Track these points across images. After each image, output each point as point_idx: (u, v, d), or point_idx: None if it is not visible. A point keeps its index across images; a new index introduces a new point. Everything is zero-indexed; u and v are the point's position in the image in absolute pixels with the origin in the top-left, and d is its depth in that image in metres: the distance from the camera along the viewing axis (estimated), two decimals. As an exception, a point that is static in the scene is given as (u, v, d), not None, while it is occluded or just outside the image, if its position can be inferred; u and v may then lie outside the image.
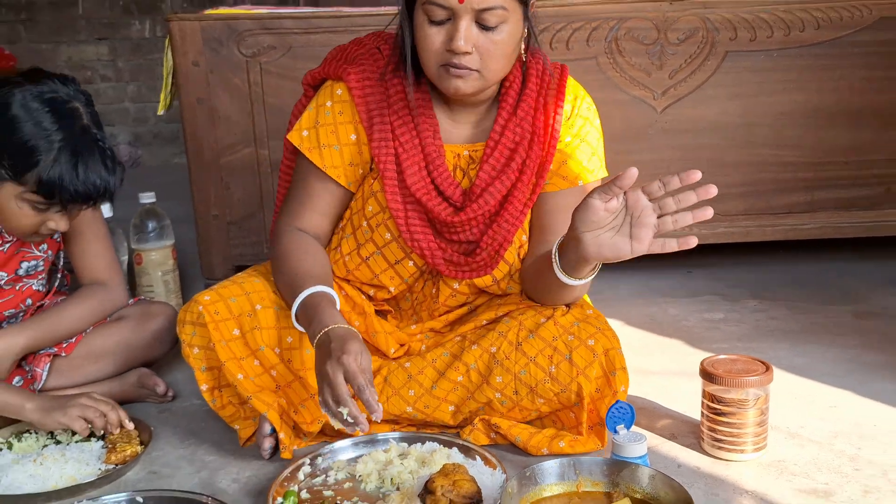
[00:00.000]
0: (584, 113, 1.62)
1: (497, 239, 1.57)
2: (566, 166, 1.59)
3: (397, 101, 1.56)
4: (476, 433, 1.54)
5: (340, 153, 1.58)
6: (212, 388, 1.57)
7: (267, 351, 1.56)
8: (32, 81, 1.58)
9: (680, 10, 2.34)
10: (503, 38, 1.43)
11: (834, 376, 1.80)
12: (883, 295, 2.32)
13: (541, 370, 1.50)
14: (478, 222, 1.57)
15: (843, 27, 2.36)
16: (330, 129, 1.58)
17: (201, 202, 2.44)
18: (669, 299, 2.38)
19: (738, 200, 2.48)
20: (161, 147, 5.46)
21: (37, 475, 1.46)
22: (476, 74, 1.45)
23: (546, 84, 1.59)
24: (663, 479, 1.25)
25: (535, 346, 1.52)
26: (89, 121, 1.61)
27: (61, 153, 1.54)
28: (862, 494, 1.34)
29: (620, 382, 1.48)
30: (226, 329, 1.54)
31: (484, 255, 1.58)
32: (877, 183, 2.49)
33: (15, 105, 1.54)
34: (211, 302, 1.55)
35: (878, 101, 2.43)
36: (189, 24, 2.33)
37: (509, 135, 1.56)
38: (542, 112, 1.57)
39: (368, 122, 1.56)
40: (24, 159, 1.53)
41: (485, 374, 1.54)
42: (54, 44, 5.23)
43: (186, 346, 1.55)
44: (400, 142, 1.55)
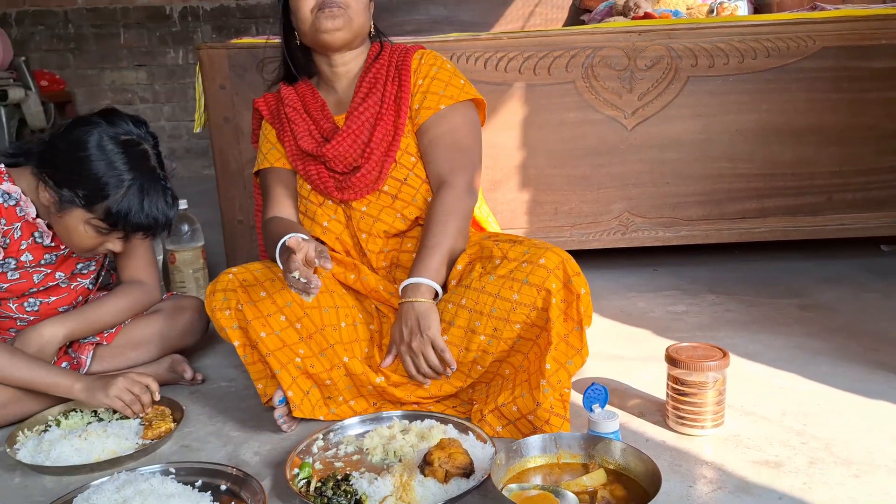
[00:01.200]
0: (431, 61, 1.74)
1: (373, 158, 1.67)
2: (427, 100, 1.70)
3: (289, 96, 1.75)
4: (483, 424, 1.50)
5: (277, 148, 1.76)
6: (243, 344, 1.55)
7: (294, 306, 1.56)
8: (109, 122, 1.57)
9: (647, 40, 2.33)
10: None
11: (782, 361, 1.79)
12: (824, 290, 2.31)
13: (506, 301, 1.48)
14: (352, 148, 1.67)
15: (790, 55, 2.35)
16: (264, 140, 1.80)
17: (227, 209, 2.43)
18: (637, 294, 2.37)
19: (697, 207, 2.48)
20: (192, 160, 5.45)
21: (81, 449, 1.45)
22: (342, 11, 1.61)
23: (397, 52, 1.75)
24: (633, 452, 1.24)
25: (496, 284, 1.50)
26: (155, 161, 1.61)
27: (130, 190, 1.53)
28: (808, 465, 1.34)
29: (579, 286, 1.46)
30: (254, 292, 1.55)
31: (365, 173, 1.67)
32: (819, 192, 2.48)
33: (92, 143, 1.53)
34: (239, 272, 1.58)
35: (820, 121, 2.42)
36: (217, 52, 2.31)
37: (368, 79, 1.71)
38: (393, 68, 1.73)
39: (272, 122, 1.78)
40: (96, 192, 1.52)
41: (465, 326, 1.53)
42: (99, 69, 5.23)
43: (218, 310, 1.54)
44: (291, 120, 1.74)
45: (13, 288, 1.65)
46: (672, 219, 2.48)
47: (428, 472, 1.28)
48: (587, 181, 2.45)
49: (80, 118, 1.59)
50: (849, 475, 1.30)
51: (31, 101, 4.38)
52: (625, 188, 2.46)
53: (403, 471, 1.30)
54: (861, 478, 1.29)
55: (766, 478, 1.30)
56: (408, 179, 1.69)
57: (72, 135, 1.54)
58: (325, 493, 1.25)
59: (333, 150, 1.67)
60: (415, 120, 1.71)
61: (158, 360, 1.81)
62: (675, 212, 2.48)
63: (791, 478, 1.30)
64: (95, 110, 1.64)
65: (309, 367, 1.53)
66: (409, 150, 1.71)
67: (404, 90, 1.70)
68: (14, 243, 1.61)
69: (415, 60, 1.74)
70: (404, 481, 1.26)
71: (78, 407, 1.64)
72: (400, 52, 1.75)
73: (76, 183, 1.52)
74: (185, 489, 1.27)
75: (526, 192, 2.45)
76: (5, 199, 1.59)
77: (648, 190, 2.46)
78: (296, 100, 1.76)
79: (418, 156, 1.71)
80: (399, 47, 1.78)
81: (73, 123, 1.57)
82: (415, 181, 1.70)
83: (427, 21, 4.28)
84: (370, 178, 1.67)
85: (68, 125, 1.58)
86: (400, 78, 1.72)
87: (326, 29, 1.62)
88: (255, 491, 1.27)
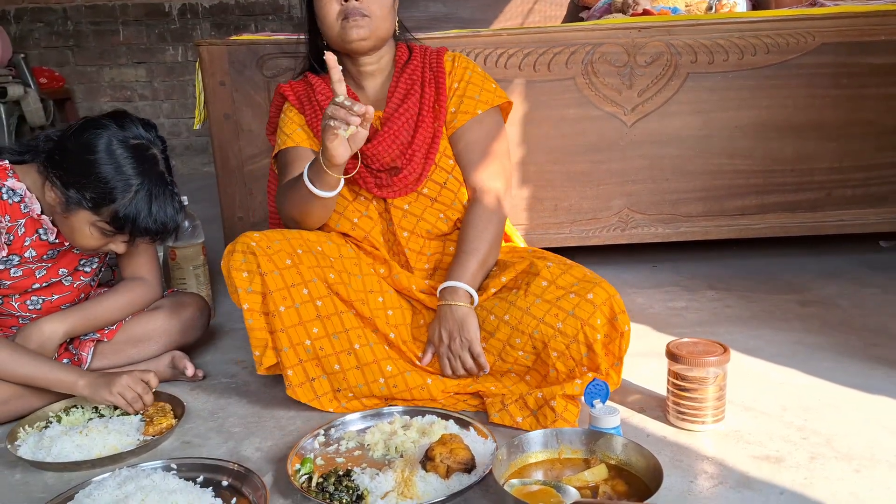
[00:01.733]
0: (464, 64, 1.76)
1: (415, 160, 1.68)
2: (464, 104, 1.72)
3: (321, 87, 1.73)
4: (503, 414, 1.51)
5: (303, 130, 1.74)
6: (252, 309, 1.53)
7: (319, 283, 1.56)
8: (119, 125, 1.56)
9: (647, 36, 2.33)
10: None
11: (782, 356, 1.79)
12: (823, 286, 2.31)
13: (549, 327, 1.51)
14: (392, 148, 1.67)
15: (789, 52, 2.35)
16: (288, 121, 1.75)
17: (227, 205, 2.43)
18: (637, 290, 2.37)
19: (697, 203, 2.48)
20: (192, 157, 5.44)
21: (83, 445, 1.45)
22: (367, 20, 1.61)
23: (428, 54, 1.76)
24: (634, 447, 1.24)
25: (542, 308, 1.53)
26: (163, 167, 1.60)
27: (138, 194, 1.53)
28: (808, 460, 1.34)
29: (623, 324, 1.50)
30: (279, 259, 1.54)
31: (406, 174, 1.68)
32: (818, 188, 2.48)
33: (101, 146, 1.52)
34: (261, 239, 1.56)
35: (819, 117, 2.42)
36: (216, 48, 2.31)
37: (404, 82, 1.72)
38: (428, 70, 1.74)
39: (301, 109, 1.75)
40: (104, 195, 1.51)
41: (504, 340, 1.56)
42: (98, 67, 5.22)
43: (235, 270, 1.52)
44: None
45: (16, 285, 1.65)
46: (672, 215, 2.48)
47: (429, 468, 1.28)
48: (587, 177, 2.45)
49: (91, 120, 1.58)
50: (850, 470, 1.30)
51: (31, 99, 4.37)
52: (624, 184, 2.46)
53: (405, 466, 1.30)
54: (862, 472, 1.29)
55: (766, 473, 1.30)
56: (447, 183, 1.72)
57: (82, 137, 1.54)
58: (327, 489, 1.25)
59: (374, 148, 1.66)
60: (450, 123, 1.73)
61: (158, 357, 1.80)
62: (674, 208, 2.48)
63: (792, 473, 1.30)
64: (104, 111, 1.64)
65: (318, 349, 1.53)
66: (447, 153, 1.73)
67: (441, 93, 1.72)
68: (18, 240, 1.61)
69: (448, 62, 1.76)
70: (406, 476, 1.26)
71: (79, 403, 1.64)
72: (432, 54, 1.77)
73: (84, 185, 1.52)
74: (187, 485, 1.27)
75: (526, 189, 2.45)
76: (10, 195, 1.58)
77: (648, 186, 2.46)
78: (328, 90, 1.73)
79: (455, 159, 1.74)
80: (428, 49, 1.79)
81: (84, 125, 1.56)
82: (454, 184, 1.72)
83: (426, 18, 4.27)
84: (411, 178, 1.69)
85: (79, 126, 1.57)
86: (436, 81, 1.73)
87: (352, 39, 1.62)
88: (256, 486, 1.27)
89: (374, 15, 1.62)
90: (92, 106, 5.24)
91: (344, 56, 1.70)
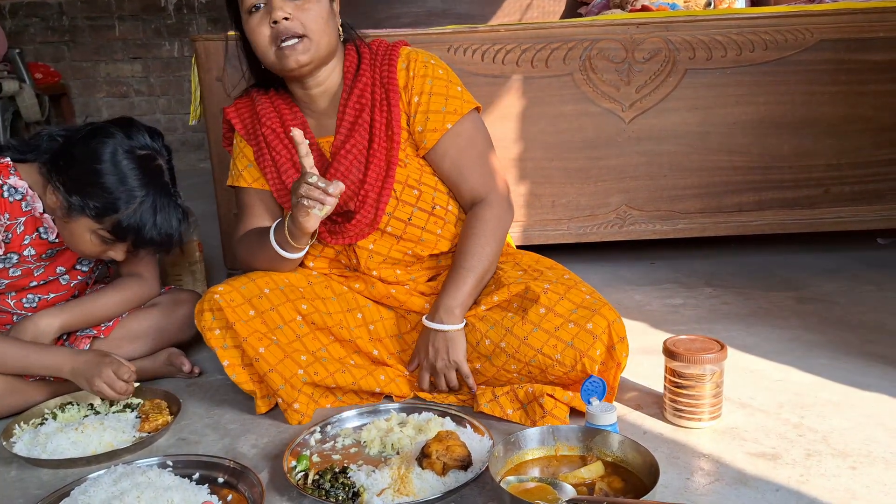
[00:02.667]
0: (421, 71, 1.60)
1: (368, 202, 1.59)
2: (430, 121, 1.59)
3: (266, 113, 1.64)
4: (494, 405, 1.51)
5: (254, 168, 1.67)
6: (233, 364, 1.54)
7: (286, 328, 1.55)
8: (126, 134, 1.54)
9: (645, 32, 2.33)
10: (312, 4, 1.50)
11: (779, 353, 1.80)
12: (820, 283, 2.31)
13: (548, 358, 1.47)
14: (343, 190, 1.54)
15: (787, 48, 2.35)
16: (240, 157, 1.69)
17: (224, 201, 2.43)
18: (635, 287, 2.37)
19: (694, 200, 2.48)
20: (188, 153, 5.43)
21: (78, 442, 1.45)
22: (305, 40, 1.50)
23: (379, 63, 1.62)
24: (631, 444, 1.24)
25: (540, 338, 1.48)
26: (168, 178, 1.59)
27: (142, 206, 1.52)
28: (805, 457, 1.34)
29: (621, 353, 1.46)
30: (242, 312, 1.52)
31: (360, 218, 1.59)
32: (816, 185, 2.48)
33: (107, 155, 1.51)
34: (225, 292, 1.54)
35: (818, 114, 2.42)
36: (213, 44, 2.30)
37: (352, 104, 1.60)
38: (378, 86, 1.60)
39: (248, 139, 1.67)
40: (107, 205, 1.50)
41: (500, 365, 1.53)
42: (94, 62, 5.20)
43: (208, 330, 1.53)
44: (272, 147, 1.64)
45: (13, 284, 1.65)
46: (669, 212, 2.48)
47: (426, 465, 1.28)
48: (585, 174, 2.45)
49: (98, 127, 1.56)
50: (846, 467, 1.30)
51: (26, 94, 4.36)
52: (622, 181, 2.46)
53: (401, 463, 1.30)
54: (858, 469, 1.29)
55: (763, 470, 1.30)
56: (412, 218, 1.61)
57: (88, 145, 1.52)
58: (323, 486, 1.26)
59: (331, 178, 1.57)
60: (420, 144, 1.61)
61: (155, 354, 1.80)
62: (672, 205, 2.48)
63: (788, 470, 1.30)
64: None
65: (313, 374, 1.54)
66: (410, 181, 1.61)
67: (395, 116, 1.58)
68: (17, 238, 1.60)
69: (401, 73, 1.60)
70: (402, 474, 1.26)
71: (75, 400, 1.64)
72: (383, 62, 1.61)
73: (88, 193, 1.50)
74: (183, 482, 1.27)
75: (523, 185, 2.45)
76: (11, 193, 1.57)
77: (646, 183, 2.46)
78: (274, 118, 1.64)
79: (423, 185, 1.62)
80: (379, 50, 1.64)
81: (91, 133, 1.54)
82: (420, 218, 1.62)
83: (423, 13, 4.26)
84: (364, 223, 1.60)
85: (85, 133, 1.55)
86: (388, 101, 1.59)
87: (290, 67, 1.52)
88: (252, 483, 1.27)
89: (311, 31, 1.50)
90: (88, 101, 5.23)
91: (287, 79, 1.61)
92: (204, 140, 5.34)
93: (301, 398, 1.53)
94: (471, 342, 1.56)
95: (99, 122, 1.60)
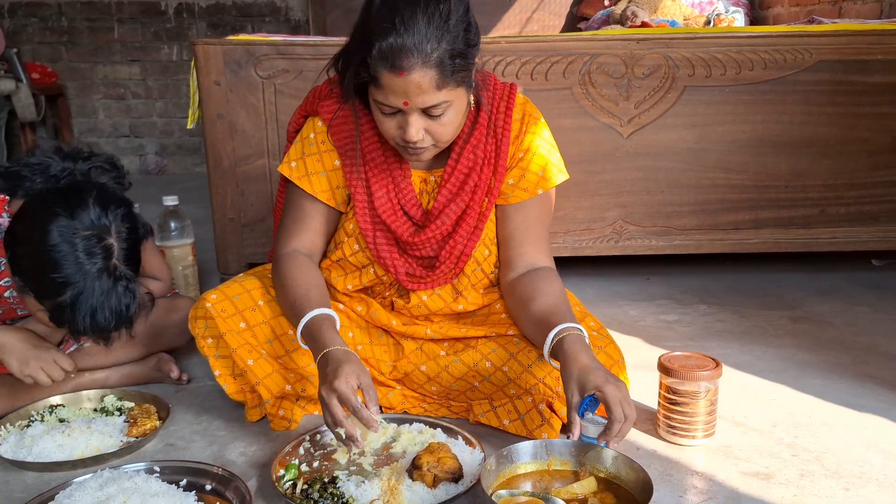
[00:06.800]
0: (533, 128, 1.54)
1: (454, 254, 1.53)
2: (524, 179, 1.54)
3: (367, 129, 1.50)
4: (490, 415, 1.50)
5: (327, 178, 1.54)
6: (224, 374, 1.54)
7: (275, 343, 1.55)
8: (70, 213, 1.38)
9: (645, 48, 2.33)
10: (451, 118, 1.36)
11: (773, 372, 1.79)
12: (815, 303, 2.31)
13: (548, 388, 1.46)
14: (435, 240, 1.53)
15: (786, 68, 2.36)
16: (315, 157, 1.54)
17: (219, 206, 2.42)
18: (629, 302, 2.36)
19: (690, 216, 2.48)
20: (184, 157, 5.42)
21: (65, 445, 1.44)
22: (432, 148, 1.40)
23: (495, 109, 1.52)
24: (624, 461, 1.23)
25: (544, 368, 1.47)
26: (119, 257, 1.43)
27: (80, 295, 1.38)
28: (798, 477, 1.33)
29: None
30: (233, 323, 1.51)
31: (443, 268, 1.54)
32: (812, 205, 2.49)
33: (44, 240, 1.36)
34: (217, 301, 1.53)
35: (815, 134, 2.43)
36: (212, 48, 2.30)
37: (464, 161, 1.50)
38: (492, 136, 1.51)
39: (342, 150, 1.52)
40: (44, 291, 1.40)
41: (498, 385, 1.52)
42: (92, 64, 5.19)
43: (200, 338, 1.53)
44: (370, 166, 1.51)
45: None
46: (665, 227, 2.48)
47: (416, 476, 1.27)
48: (582, 188, 2.45)
49: (42, 204, 1.41)
50: (839, 488, 1.30)
51: (23, 94, 4.36)
52: (619, 196, 2.46)
53: (391, 474, 1.28)
54: (851, 491, 1.29)
55: (756, 489, 1.30)
56: (474, 272, 1.58)
57: (28, 225, 1.40)
58: (312, 496, 1.24)
59: (422, 237, 1.51)
60: (504, 194, 1.55)
61: (145, 359, 1.79)
62: (668, 221, 2.48)
63: (781, 489, 1.29)
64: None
65: (301, 391, 1.53)
66: (487, 240, 1.57)
67: (499, 176, 1.51)
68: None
69: (515, 123, 1.53)
70: (392, 485, 1.25)
71: (64, 402, 1.62)
72: (499, 107, 1.52)
73: (27, 275, 1.42)
74: (170, 488, 1.25)
75: (520, 198, 2.44)
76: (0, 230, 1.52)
77: (643, 198, 2.46)
78: (374, 138, 1.50)
79: (492, 244, 1.58)
80: (496, 93, 1.53)
81: (34, 210, 1.42)
82: (477, 275, 1.59)
83: (424, 24, 4.27)
84: (444, 270, 1.55)
85: (29, 209, 1.43)
86: (497, 156, 1.51)
87: (412, 160, 1.46)
88: (240, 491, 1.26)
89: (442, 141, 1.39)
90: (84, 103, 5.22)
91: None
92: (200, 144, 5.33)
93: (285, 404, 1.52)
94: (467, 362, 1.54)
95: (46, 193, 1.46)
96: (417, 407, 1.60)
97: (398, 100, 1.30)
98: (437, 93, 1.29)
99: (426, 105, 1.31)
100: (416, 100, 1.29)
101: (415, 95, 1.29)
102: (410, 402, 1.60)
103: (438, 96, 1.30)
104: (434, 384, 1.58)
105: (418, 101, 1.30)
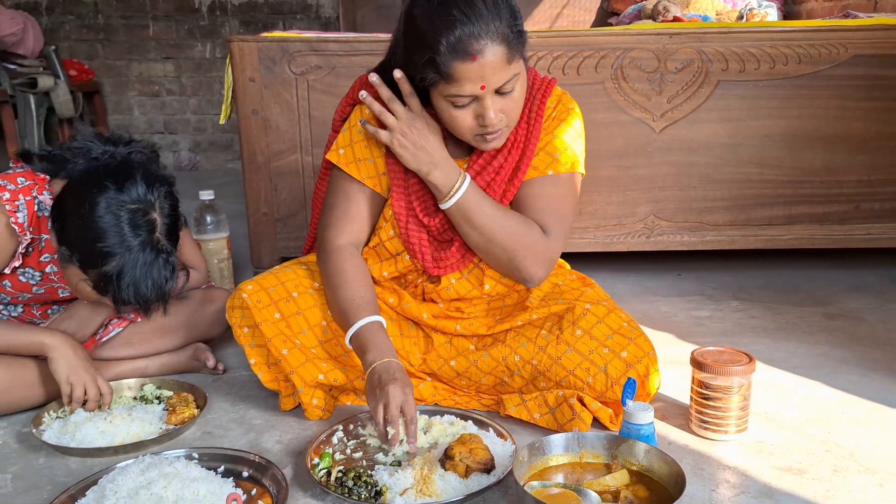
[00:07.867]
0: (563, 115, 1.56)
1: None
2: (538, 158, 1.55)
3: None
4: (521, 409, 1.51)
5: (375, 165, 1.56)
6: (259, 363, 1.58)
7: (309, 333, 1.57)
8: (118, 186, 1.45)
9: (678, 42, 2.32)
10: (520, 92, 1.42)
11: (806, 369, 1.78)
12: (849, 299, 2.29)
13: (579, 380, 1.47)
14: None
15: (821, 62, 2.33)
16: (363, 144, 1.56)
17: (253, 201, 2.45)
18: (661, 298, 2.36)
19: (724, 212, 2.47)
20: (216, 153, 5.48)
21: (106, 432, 1.48)
22: (505, 129, 1.45)
23: (531, 97, 1.55)
24: (657, 454, 1.24)
25: (573, 360, 1.48)
26: (163, 230, 1.50)
27: (123, 264, 1.44)
28: (831, 473, 1.33)
29: (652, 384, 1.48)
30: (268, 313, 1.54)
31: (459, 244, 1.56)
32: (847, 201, 2.46)
33: (93, 211, 1.43)
34: (253, 291, 1.56)
35: (850, 129, 2.40)
36: (247, 44, 2.33)
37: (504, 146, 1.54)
38: (524, 122, 1.54)
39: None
40: (90, 260, 1.45)
41: (528, 378, 1.53)
42: (127, 61, 5.28)
43: (237, 327, 1.57)
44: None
45: (37, 298, 1.67)
46: (698, 223, 2.47)
47: (448, 466, 1.29)
48: (613, 183, 2.44)
49: (92, 177, 1.48)
50: (873, 483, 1.29)
51: (60, 90, 4.44)
52: (651, 191, 2.45)
53: (424, 464, 1.30)
54: (885, 486, 1.28)
55: (788, 484, 1.29)
56: None
57: (78, 197, 1.46)
58: (346, 484, 1.26)
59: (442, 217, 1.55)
60: None
61: (183, 349, 1.82)
62: (701, 216, 2.47)
63: (814, 485, 1.29)
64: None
65: (333, 380, 1.55)
66: None
67: (525, 161, 1.53)
68: (35, 254, 1.60)
69: (548, 110, 1.56)
70: (425, 474, 1.27)
71: None
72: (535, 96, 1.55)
73: (73, 244, 1.46)
74: (209, 474, 1.28)
75: (550, 193, 2.45)
76: (41, 208, 1.56)
77: (675, 193, 2.45)
78: None
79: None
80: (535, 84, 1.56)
81: (83, 182, 1.48)
82: None
83: (454, 20, 4.28)
84: (461, 249, 1.57)
85: (78, 182, 1.50)
86: (528, 141, 1.53)
87: (488, 149, 1.49)
88: (276, 479, 1.28)
89: (513, 119, 1.44)
90: (120, 100, 5.30)
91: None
92: (232, 140, 5.39)
93: (318, 394, 1.55)
94: (496, 357, 1.55)
95: (96, 167, 1.53)
96: (448, 399, 1.61)
97: (475, 86, 1.34)
98: (507, 67, 1.34)
99: (501, 83, 1.35)
100: (491, 80, 1.34)
101: (490, 76, 1.33)
102: (441, 395, 1.62)
103: (509, 70, 1.35)
104: (464, 378, 1.59)
105: (494, 80, 1.34)
